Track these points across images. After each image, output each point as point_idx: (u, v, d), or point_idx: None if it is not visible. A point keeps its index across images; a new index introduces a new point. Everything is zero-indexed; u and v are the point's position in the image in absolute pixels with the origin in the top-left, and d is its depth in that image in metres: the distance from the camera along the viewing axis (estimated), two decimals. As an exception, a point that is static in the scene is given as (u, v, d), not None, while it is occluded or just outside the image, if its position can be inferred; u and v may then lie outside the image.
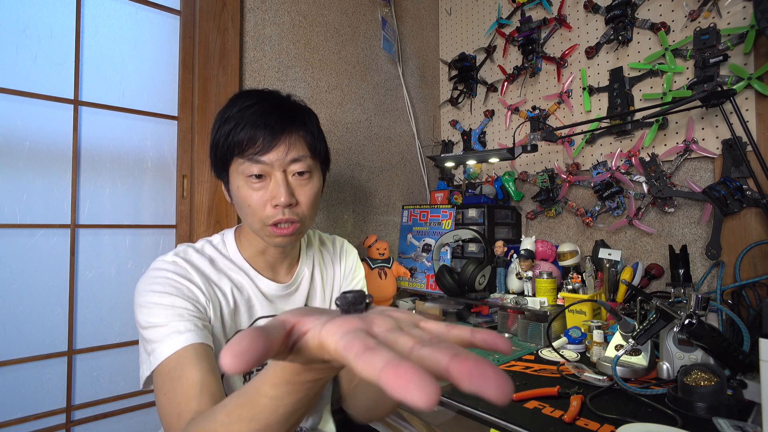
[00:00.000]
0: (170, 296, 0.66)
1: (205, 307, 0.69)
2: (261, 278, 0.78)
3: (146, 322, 0.64)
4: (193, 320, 0.65)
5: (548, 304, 1.19)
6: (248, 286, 0.77)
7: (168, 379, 0.60)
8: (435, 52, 2.01)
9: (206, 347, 0.64)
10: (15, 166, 1.04)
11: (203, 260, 0.74)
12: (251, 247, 0.79)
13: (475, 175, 1.78)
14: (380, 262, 1.44)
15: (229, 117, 0.71)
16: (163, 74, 1.27)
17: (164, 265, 0.69)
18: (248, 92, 0.75)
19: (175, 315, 0.64)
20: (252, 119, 0.69)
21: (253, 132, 0.69)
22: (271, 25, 1.45)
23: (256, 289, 0.78)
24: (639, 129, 1.33)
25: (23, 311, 1.04)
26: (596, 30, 1.44)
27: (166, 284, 0.67)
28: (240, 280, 0.76)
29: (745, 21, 1.12)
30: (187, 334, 0.63)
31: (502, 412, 0.72)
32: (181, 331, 0.63)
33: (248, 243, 0.79)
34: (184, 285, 0.68)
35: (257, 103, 0.71)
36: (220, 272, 0.75)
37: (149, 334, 0.63)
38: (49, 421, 1.05)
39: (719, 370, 0.73)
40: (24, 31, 1.06)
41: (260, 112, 0.70)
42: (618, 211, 1.38)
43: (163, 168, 1.26)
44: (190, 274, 0.70)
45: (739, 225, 1.12)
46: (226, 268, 0.76)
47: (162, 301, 0.65)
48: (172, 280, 0.67)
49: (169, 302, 0.65)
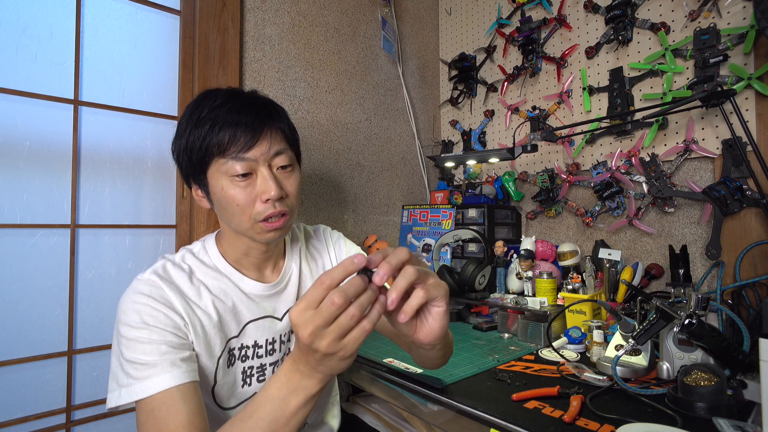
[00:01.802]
0: (149, 329, 0.63)
1: (185, 332, 0.67)
2: (246, 281, 0.77)
3: (127, 355, 0.62)
4: (175, 354, 0.63)
5: (548, 304, 1.19)
6: (232, 292, 0.75)
7: (152, 418, 0.59)
8: (435, 52, 2.01)
9: (190, 385, 0.62)
10: (15, 166, 1.04)
11: (182, 275, 0.71)
12: (235, 251, 0.77)
13: (475, 175, 1.78)
14: (380, 262, 1.44)
15: (201, 119, 0.68)
16: (163, 74, 1.27)
17: (142, 287, 0.67)
18: (211, 92, 0.72)
19: (157, 352, 0.62)
20: (230, 118, 0.68)
21: (233, 130, 0.67)
22: (271, 25, 1.45)
23: (241, 293, 0.76)
24: (639, 129, 1.33)
25: (23, 311, 1.04)
26: (596, 30, 1.44)
27: (145, 314, 0.64)
28: (222, 287, 0.74)
29: (745, 21, 1.12)
30: (170, 374, 0.61)
31: (502, 412, 0.71)
32: (165, 370, 0.61)
33: (231, 246, 0.77)
34: (161, 312, 0.65)
35: (228, 101, 0.70)
36: (199, 285, 0.72)
37: (129, 368, 0.62)
38: (49, 421, 1.05)
39: (719, 370, 0.73)
40: (24, 31, 1.06)
41: (236, 109, 0.69)
42: (618, 211, 1.38)
43: (163, 168, 1.26)
44: (167, 297, 0.67)
45: (739, 225, 1.12)
46: (206, 277, 0.74)
47: (141, 335, 0.63)
48: (150, 308, 0.65)
49: (147, 337, 0.63)
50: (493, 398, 0.77)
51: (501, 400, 0.76)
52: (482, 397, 0.78)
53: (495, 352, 1.04)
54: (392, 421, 1.06)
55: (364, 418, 1.16)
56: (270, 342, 0.78)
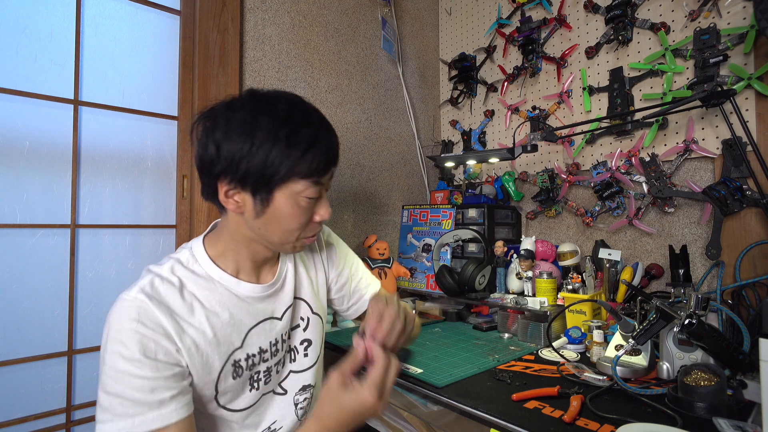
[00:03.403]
0: (139, 363, 0.59)
1: (177, 359, 0.64)
2: (243, 284, 0.74)
3: (113, 388, 0.59)
4: (166, 391, 0.61)
5: (548, 304, 1.19)
6: (228, 302, 0.72)
7: None
8: (435, 52, 2.01)
9: (181, 424, 0.61)
10: (15, 166, 1.04)
11: (172, 291, 0.67)
12: (237, 256, 0.74)
13: (475, 175, 1.78)
14: (380, 262, 1.44)
15: (292, 142, 0.66)
16: (163, 74, 1.27)
17: (131, 311, 0.62)
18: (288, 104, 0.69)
19: (147, 389, 0.59)
20: (320, 145, 0.68)
21: (323, 157, 0.68)
22: (271, 25, 1.45)
23: (237, 300, 0.73)
24: (639, 129, 1.33)
25: (23, 311, 1.04)
26: (596, 30, 1.44)
27: (134, 344, 0.60)
28: (216, 298, 0.71)
29: (745, 21, 1.12)
30: (157, 413, 0.59)
31: (502, 412, 0.71)
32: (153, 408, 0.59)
33: (233, 252, 0.74)
34: (152, 341, 0.61)
35: (311, 122, 0.69)
36: (192, 300, 0.68)
37: (113, 402, 0.59)
38: (49, 421, 1.05)
39: (719, 370, 0.73)
40: (24, 31, 1.06)
41: (324, 136, 0.69)
42: (618, 211, 1.38)
43: (163, 168, 1.26)
44: (158, 319, 0.63)
45: (739, 225, 1.12)
46: (198, 289, 0.70)
47: (131, 369, 0.59)
48: (140, 335, 0.61)
49: (137, 372, 0.59)
50: (493, 398, 0.77)
51: (501, 400, 0.76)
52: (482, 397, 0.78)
53: (495, 352, 1.04)
54: (392, 421, 1.05)
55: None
56: (273, 344, 0.77)
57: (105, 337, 0.62)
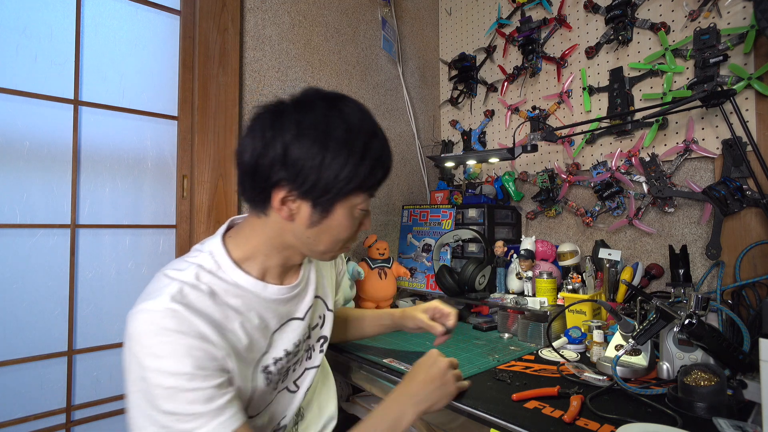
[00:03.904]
0: (190, 375, 0.55)
1: (225, 365, 0.61)
2: (270, 287, 0.71)
3: (164, 407, 0.55)
4: (221, 398, 0.58)
5: (548, 304, 1.19)
6: (257, 306, 0.69)
7: None
8: (435, 52, 2.01)
9: (242, 429, 0.59)
10: (15, 166, 1.04)
11: (204, 299, 0.62)
12: (264, 261, 0.71)
13: (475, 175, 1.78)
14: (380, 262, 1.44)
15: (377, 159, 0.66)
16: (163, 74, 1.27)
17: (166, 322, 0.57)
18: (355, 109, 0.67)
19: (202, 400, 0.56)
20: (385, 159, 0.69)
21: (386, 171, 0.70)
22: (271, 25, 1.45)
23: (264, 303, 0.70)
24: (639, 129, 1.33)
25: (23, 311, 1.04)
26: (596, 30, 1.44)
27: (180, 356, 0.55)
28: (246, 303, 0.67)
29: (745, 21, 1.12)
30: (217, 421, 0.56)
31: (502, 412, 0.71)
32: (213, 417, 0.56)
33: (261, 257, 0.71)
34: (199, 350, 0.57)
35: (378, 133, 0.69)
36: (225, 308, 0.64)
37: (167, 420, 0.55)
38: (49, 421, 1.05)
39: (719, 370, 0.73)
40: (24, 31, 1.06)
41: (387, 149, 0.70)
42: (618, 211, 1.38)
43: (163, 168, 1.26)
44: (199, 329, 0.58)
45: (739, 225, 1.12)
46: (227, 296, 0.66)
47: (181, 384, 0.55)
48: (185, 347, 0.56)
49: (189, 385, 0.55)
50: (493, 398, 0.77)
51: (501, 400, 0.76)
52: (482, 397, 0.78)
53: (495, 352, 1.04)
54: (392, 421, 1.05)
55: (364, 418, 1.16)
56: (296, 345, 0.76)
57: (135, 352, 0.56)
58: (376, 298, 1.41)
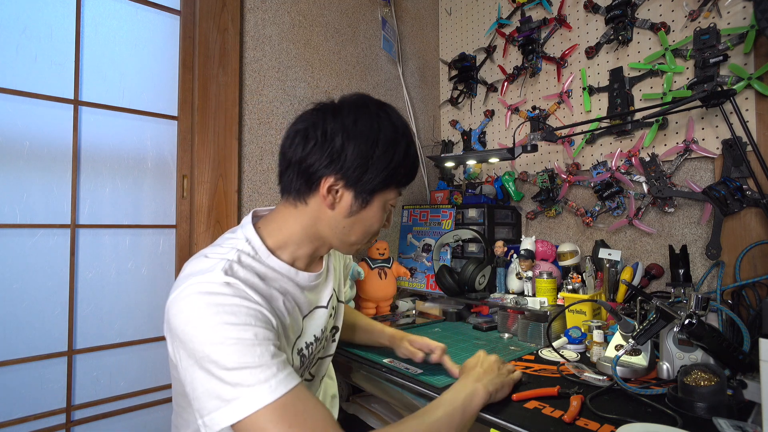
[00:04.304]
0: (253, 328, 0.58)
1: (276, 331, 0.63)
2: (301, 274, 0.75)
3: (231, 363, 0.55)
4: (282, 355, 0.60)
5: (548, 304, 1.19)
6: (291, 290, 0.73)
7: (287, 415, 0.55)
8: (435, 52, 2.01)
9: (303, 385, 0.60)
10: (15, 166, 1.04)
11: (252, 276, 0.66)
12: (295, 250, 0.75)
13: (475, 175, 1.78)
14: (380, 262, 1.44)
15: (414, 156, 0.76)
16: (163, 74, 1.27)
17: (221, 289, 0.60)
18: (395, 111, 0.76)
19: (268, 354, 0.57)
20: (417, 159, 0.77)
21: (416, 170, 0.78)
22: (271, 25, 1.45)
23: (297, 289, 0.75)
24: (639, 129, 1.33)
25: (23, 311, 1.04)
26: (596, 30, 1.44)
27: (241, 314, 0.59)
28: (284, 287, 0.72)
29: (745, 21, 1.12)
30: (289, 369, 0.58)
31: (502, 412, 0.71)
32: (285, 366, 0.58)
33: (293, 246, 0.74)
34: (257, 310, 0.61)
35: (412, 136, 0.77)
36: (270, 287, 0.69)
37: (238, 377, 0.55)
38: (49, 421, 1.05)
39: (719, 370, 0.73)
40: (24, 31, 1.06)
41: (418, 157, 0.78)
42: (618, 211, 1.38)
43: (163, 168, 1.26)
44: (254, 298, 0.62)
45: (739, 225, 1.12)
46: (271, 279, 0.70)
47: (246, 336, 0.57)
48: (245, 307, 0.60)
49: (252, 338, 0.57)
50: (493, 398, 0.77)
51: (501, 400, 0.76)
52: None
53: (495, 352, 1.03)
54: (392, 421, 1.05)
55: (363, 418, 1.16)
56: (322, 331, 0.81)
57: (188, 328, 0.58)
58: (376, 298, 1.41)
